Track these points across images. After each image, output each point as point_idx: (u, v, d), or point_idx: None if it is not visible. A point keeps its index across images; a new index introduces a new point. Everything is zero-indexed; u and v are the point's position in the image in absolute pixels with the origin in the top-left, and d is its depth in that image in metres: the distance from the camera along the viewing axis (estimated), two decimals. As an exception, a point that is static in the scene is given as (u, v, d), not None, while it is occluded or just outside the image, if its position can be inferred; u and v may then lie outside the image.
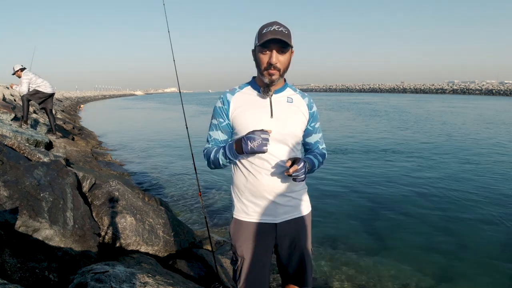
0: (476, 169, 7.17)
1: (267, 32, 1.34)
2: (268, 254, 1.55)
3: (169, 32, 2.89)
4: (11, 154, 3.27)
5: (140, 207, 3.22)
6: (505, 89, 63.99)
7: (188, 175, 6.88)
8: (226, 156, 1.42)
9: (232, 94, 1.51)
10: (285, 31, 1.35)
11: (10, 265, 1.96)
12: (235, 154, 1.39)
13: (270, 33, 1.33)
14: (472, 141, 10.85)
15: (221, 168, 1.52)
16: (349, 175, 6.79)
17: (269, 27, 1.35)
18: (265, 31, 1.35)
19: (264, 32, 1.34)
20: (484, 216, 4.64)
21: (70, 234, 2.36)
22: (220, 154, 1.44)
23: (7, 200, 2.25)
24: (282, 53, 1.37)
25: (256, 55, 1.42)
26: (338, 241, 3.97)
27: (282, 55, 1.37)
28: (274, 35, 1.32)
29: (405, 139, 11.26)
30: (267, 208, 1.49)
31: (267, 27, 1.36)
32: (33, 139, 5.08)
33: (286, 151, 1.47)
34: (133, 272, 1.97)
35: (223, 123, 1.50)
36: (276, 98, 1.49)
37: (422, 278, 3.24)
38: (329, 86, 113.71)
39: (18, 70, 6.68)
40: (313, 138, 1.61)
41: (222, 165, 1.48)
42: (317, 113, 1.60)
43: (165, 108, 34.83)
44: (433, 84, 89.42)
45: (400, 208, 4.99)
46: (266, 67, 1.39)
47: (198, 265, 2.99)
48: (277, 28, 1.34)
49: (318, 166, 1.56)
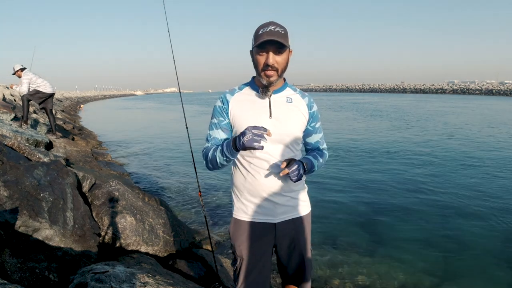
0: (477, 169, 7.18)
1: (263, 33, 1.33)
2: (267, 254, 1.54)
3: (169, 32, 2.89)
4: (11, 154, 3.27)
5: (140, 207, 3.22)
6: (505, 89, 64.00)
7: (188, 175, 6.88)
8: (223, 153, 1.40)
9: (232, 95, 1.51)
10: (282, 31, 1.34)
11: (10, 265, 1.96)
12: (231, 151, 1.37)
13: (266, 34, 1.32)
14: (473, 140, 10.85)
15: (218, 168, 1.49)
16: (349, 175, 6.79)
17: (265, 28, 1.34)
18: (261, 32, 1.34)
19: (261, 33, 1.34)
20: (484, 216, 4.64)
21: (70, 234, 2.36)
22: (218, 152, 1.42)
23: (7, 200, 2.25)
24: (279, 53, 1.36)
25: (253, 56, 1.41)
26: (338, 241, 3.97)
27: (279, 55, 1.37)
28: (270, 36, 1.31)
29: (405, 139, 11.26)
30: (266, 207, 1.49)
31: (263, 27, 1.35)
32: (33, 139, 5.08)
33: (285, 151, 1.47)
34: (133, 272, 1.97)
35: (223, 121, 1.50)
36: (275, 98, 1.48)
37: (422, 277, 3.25)
38: (329, 86, 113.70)
39: (18, 70, 6.68)
40: (314, 138, 1.60)
41: (220, 164, 1.45)
42: (318, 113, 1.59)
43: (165, 108, 34.83)
44: (433, 84, 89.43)
45: (400, 208, 4.99)
46: (263, 68, 1.38)
47: (198, 265, 2.99)
48: (273, 29, 1.33)
49: (318, 166, 1.55)
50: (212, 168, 1.52)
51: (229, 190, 1.66)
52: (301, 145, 1.61)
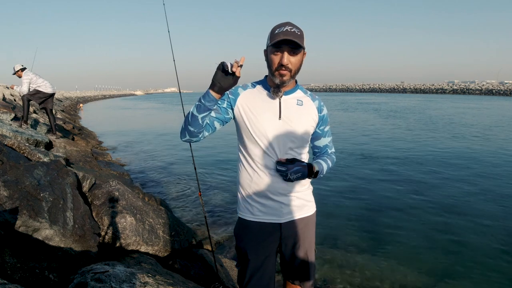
0: (484, 170, 7.18)
1: (279, 32, 1.32)
2: (272, 254, 1.54)
3: (169, 32, 2.89)
4: (11, 154, 3.27)
5: (140, 207, 3.22)
6: (505, 89, 64.00)
7: (188, 175, 6.87)
8: (199, 100, 1.36)
9: (244, 89, 1.50)
10: (298, 32, 1.34)
11: (10, 265, 1.96)
12: (207, 91, 1.34)
13: (282, 34, 1.31)
14: (480, 142, 10.84)
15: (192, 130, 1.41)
16: (349, 176, 6.79)
17: (282, 28, 1.33)
18: (278, 32, 1.33)
19: (277, 33, 1.33)
20: (484, 216, 4.64)
21: (70, 234, 2.36)
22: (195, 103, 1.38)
23: (7, 200, 2.25)
24: (294, 54, 1.35)
25: (267, 55, 1.40)
26: (338, 241, 3.97)
27: (294, 56, 1.36)
28: (286, 35, 1.31)
29: (411, 141, 11.26)
30: (272, 207, 1.49)
31: (280, 27, 1.34)
32: (33, 139, 5.08)
33: (293, 153, 1.46)
34: (133, 272, 1.97)
35: (221, 104, 1.48)
36: (286, 99, 1.47)
37: (423, 277, 3.24)
38: (329, 86, 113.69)
39: (19, 70, 6.68)
40: (322, 142, 1.60)
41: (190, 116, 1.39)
42: (327, 116, 1.58)
43: (165, 108, 34.82)
44: (433, 84, 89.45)
45: (401, 209, 4.99)
46: (277, 68, 1.37)
47: (198, 265, 2.99)
48: (289, 29, 1.33)
49: (327, 171, 1.54)
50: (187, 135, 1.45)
51: (229, 190, 1.66)
52: (309, 148, 1.60)
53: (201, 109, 1.36)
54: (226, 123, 1.54)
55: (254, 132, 1.44)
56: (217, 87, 1.32)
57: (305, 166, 1.42)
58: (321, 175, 1.51)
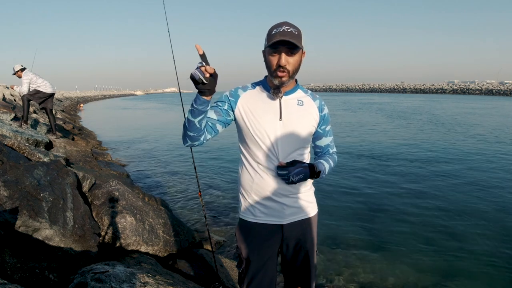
0: (484, 170, 7.17)
1: (276, 33, 1.31)
2: (274, 256, 1.53)
3: (169, 32, 2.89)
4: (11, 154, 3.27)
5: (140, 207, 3.22)
6: (505, 89, 64.01)
7: (188, 175, 6.87)
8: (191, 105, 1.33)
9: (244, 91, 1.49)
10: (295, 32, 1.31)
11: (10, 265, 1.96)
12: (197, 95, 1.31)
13: (279, 34, 1.29)
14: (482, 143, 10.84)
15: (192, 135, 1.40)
16: (350, 176, 6.79)
17: (279, 28, 1.31)
18: (275, 32, 1.31)
19: (274, 33, 1.31)
20: (484, 216, 4.64)
21: (70, 234, 2.36)
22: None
23: (7, 200, 2.25)
24: (292, 54, 1.33)
25: (265, 56, 1.39)
26: (339, 241, 3.97)
27: (292, 56, 1.34)
28: (283, 36, 1.29)
29: (414, 140, 11.26)
30: (274, 209, 1.48)
31: (277, 27, 1.32)
32: (33, 139, 5.08)
33: (294, 153, 1.46)
34: (133, 272, 1.97)
35: (222, 106, 1.47)
36: (286, 99, 1.46)
37: (423, 277, 3.24)
38: (329, 86, 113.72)
39: (19, 71, 6.68)
40: (324, 142, 1.59)
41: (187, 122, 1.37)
42: (328, 115, 1.57)
43: (165, 108, 34.82)
44: (433, 84, 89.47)
45: (402, 209, 4.99)
46: (275, 69, 1.36)
47: (198, 265, 2.99)
48: (286, 29, 1.30)
49: (329, 171, 1.53)
50: (187, 140, 1.44)
51: (229, 190, 1.65)
52: (310, 148, 1.59)
53: (195, 114, 1.34)
54: (228, 125, 1.52)
55: (255, 133, 1.43)
56: (203, 93, 1.28)
57: (306, 167, 1.41)
58: (323, 175, 1.49)
